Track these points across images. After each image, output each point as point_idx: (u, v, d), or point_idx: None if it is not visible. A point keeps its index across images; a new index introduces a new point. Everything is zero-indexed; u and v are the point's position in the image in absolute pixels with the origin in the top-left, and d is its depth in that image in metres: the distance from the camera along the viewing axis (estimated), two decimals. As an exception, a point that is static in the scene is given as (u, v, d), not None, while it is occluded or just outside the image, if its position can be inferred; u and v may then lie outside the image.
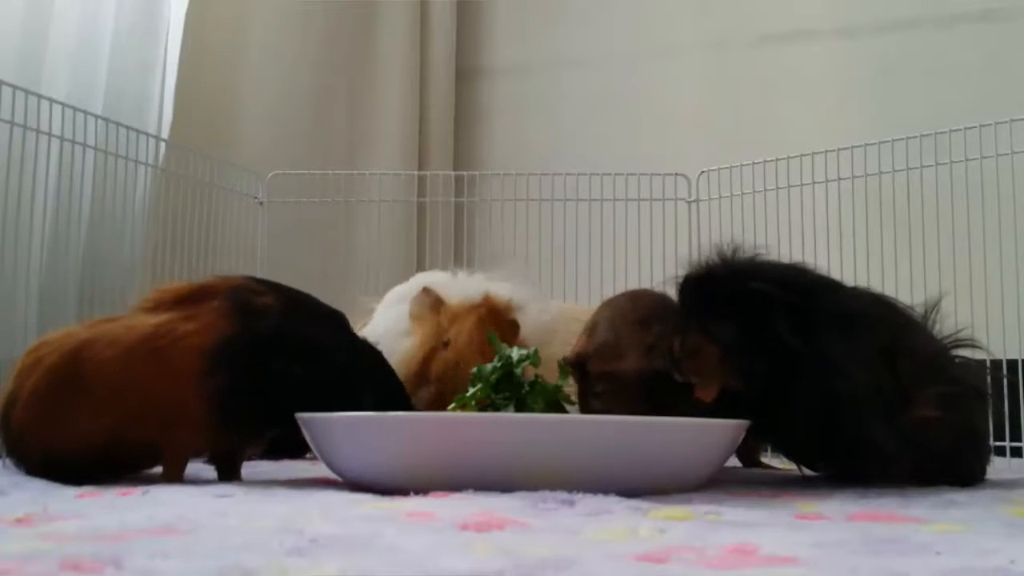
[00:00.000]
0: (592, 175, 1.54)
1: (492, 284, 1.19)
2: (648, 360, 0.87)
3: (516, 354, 0.89)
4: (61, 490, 0.75)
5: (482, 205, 1.63)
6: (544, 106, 2.10)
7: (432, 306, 1.16)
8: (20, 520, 0.55)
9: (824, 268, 0.96)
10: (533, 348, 0.90)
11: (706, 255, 0.90)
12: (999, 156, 1.24)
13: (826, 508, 0.66)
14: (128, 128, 1.36)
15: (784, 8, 1.91)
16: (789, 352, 0.82)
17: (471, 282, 1.22)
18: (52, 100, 1.23)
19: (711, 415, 0.83)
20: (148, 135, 1.43)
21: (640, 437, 0.73)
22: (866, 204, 1.38)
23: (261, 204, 1.59)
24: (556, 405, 0.88)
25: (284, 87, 1.84)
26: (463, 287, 1.20)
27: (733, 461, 1.14)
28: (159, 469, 0.85)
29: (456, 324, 1.11)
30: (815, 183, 1.40)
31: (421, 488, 0.69)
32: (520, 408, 0.86)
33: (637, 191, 1.52)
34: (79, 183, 1.30)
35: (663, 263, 1.46)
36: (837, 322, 0.85)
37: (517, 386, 0.87)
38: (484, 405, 0.87)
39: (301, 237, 1.71)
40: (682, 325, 0.85)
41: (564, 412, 0.88)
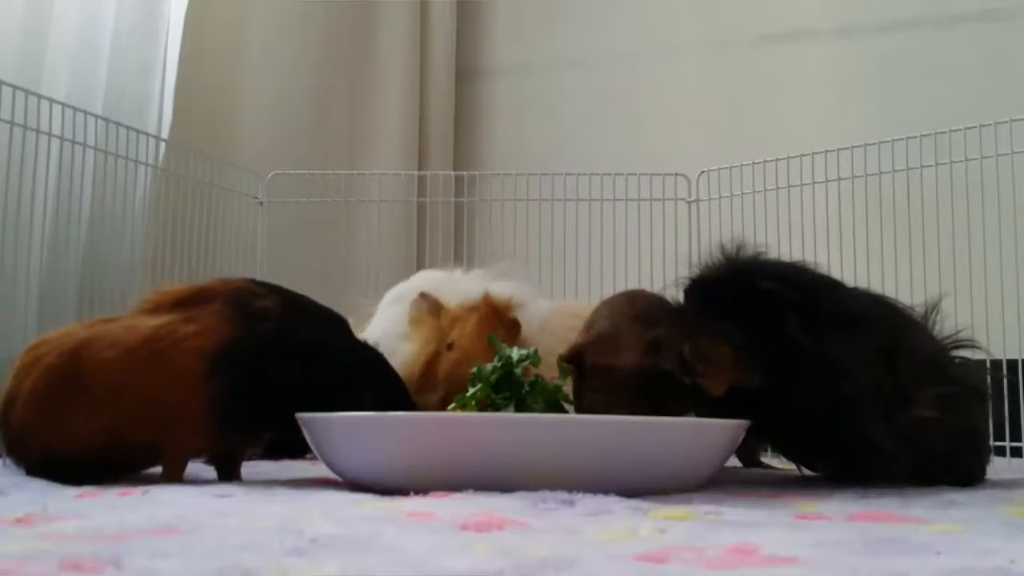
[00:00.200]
0: (592, 175, 1.54)
1: (492, 282, 1.19)
2: (650, 359, 0.87)
3: (516, 354, 0.89)
4: (61, 490, 0.75)
5: (482, 205, 1.63)
6: (544, 106, 2.10)
7: (431, 310, 1.15)
8: (20, 520, 0.55)
9: (824, 268, 0.97)
10: (533, 348, 0.90)
11: (711, 254, 0.90)
12: (999, 156, 1.24)
13: (826, 508, 0.66)
14: (128, 128, 1.36)
15: (784, 8, 1.91)
16: (797, 351, 0.82)
17: (470, 281, 1.22)
18: (52, 100, 1.23)
19: (712, 415, 0.83)
20: (148, 135, 1.43)
21: (640, 437, 0.73)
22: (866, 204, 1.38)
23: (261, 204, 1.59)
24: (556, 405, 0.88)
25: (284, 87, 1.84)
26: (462, 287, 1.19)
27: (733, 461, 1.14)
28: (159, 469, 0.85)
29: (458, 326, 1.11)
30: (815, 183, 1.40)
31: (421, 488, 0.69)
32: (520, 408, 0.86)
33: (637, 191, 1.52)
34: (79, 183, 1.30)
35: (663, 263, 1.46)
36: (839, 321, 0.85)
37: (517, 386, 0.87)
38: (484, 405, 0.87)
39: (301, 237, 1.71)
40: (692, 327, 0.85)
41: (564, 412, 0.88)
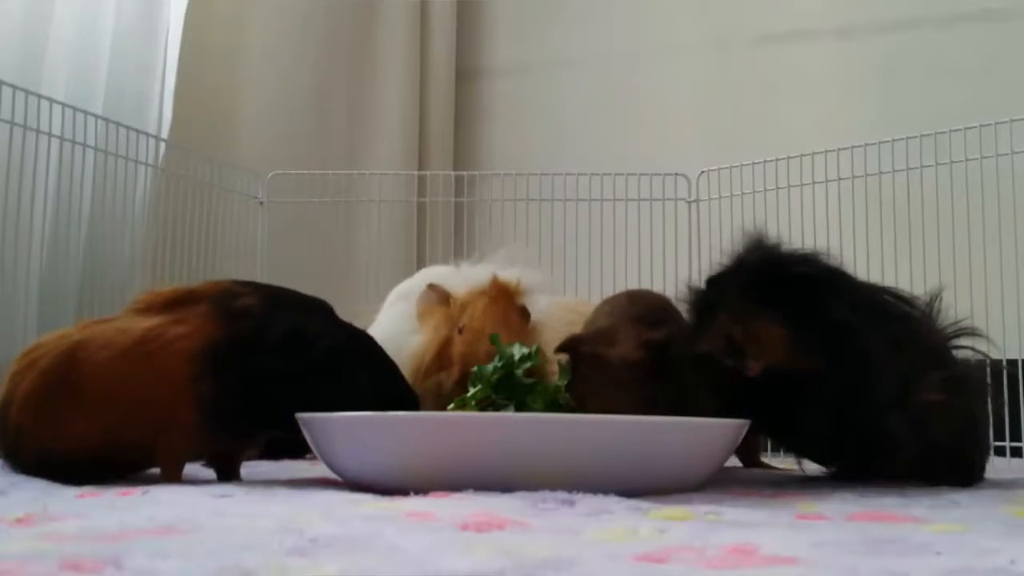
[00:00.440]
0: (592, 175, 1.54)
1: (499, 270, 1.18)
2: (646, 351, 0.87)
3: (517, 353, 0.89)
4: (61, 490, 0.75)
5: (482, 205, 1.62)
6: (544, 106, 2.10)
7: (440, 300, 1.15)
8: (20, 520, 0.55)
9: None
10: (534, 347, 0.90)
11: (735, 244, 0.91)
12: (999, 156, 1.24)
13: (826, 508, 0.66)
14: (128, 128, 1.36)
15: (784, 8, 1.91)
16: (840, 335, 0.83)
17: (476, 272, 1.21)
18: (52, 100, 1.23)
19: (721, 407, 0.83)
20: (148, 135, 1.43)
21: (640, 437, 0.73)
22: (866, 204, 1.38)
23: (261, 204, 1.59)
24: (556, 405, 0.88)
25: (284, 87, 1.84)
26: (468, 278, 1.19)
27: (733, 461, 1.14)
28: (159, 470, 0.85)
29: (468, 310, 1.10)
30: (815, 183, 1.40)
31: (421, 488, 0.69)
32: (520, 408, 0.86)
33: (637, 191, 1.52)
34: (79, 183, 1.30)
35: (663, 263, 1.46)
36: (866, 310, 0.86)
37: (517, 386, 0.88)
38: (484, 405, 0.87)
39: (301, 237, 1.71)
40: (741, 309, 0.86)
41: (564, 412, 0.88)
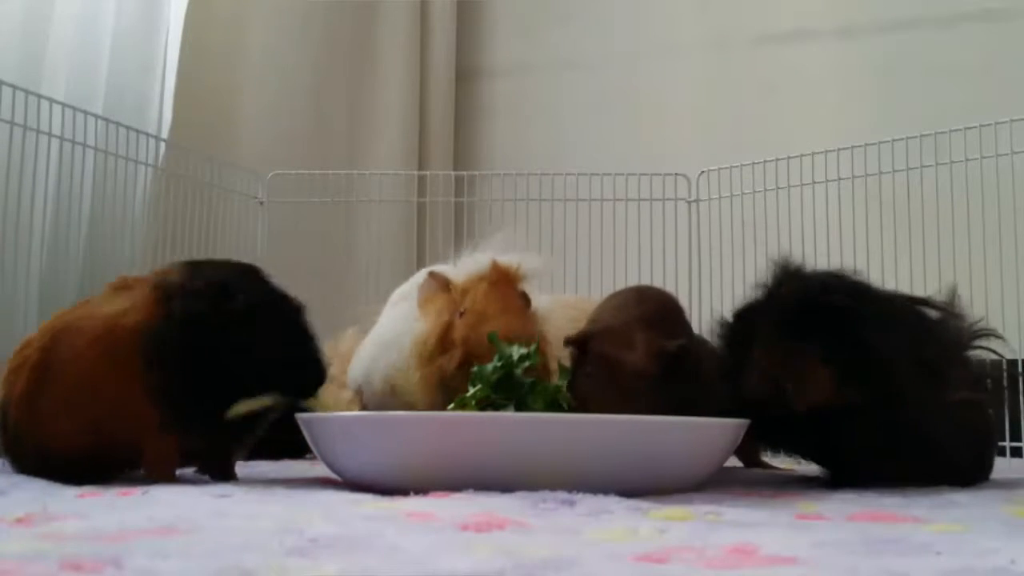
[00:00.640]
0: (592, 175, 1.54)
1: (498, 256, 1.17)
2: (656, 361, 0.86)
3: (516, 353, 0.89)
4: (61, 490, 0.75)
5: (482, 205, 1.62)
6: (544, 106, 2.10)
7: (441, 287, 1.15)
8: (20, 520, 0.55)
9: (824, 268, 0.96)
10: (533, 347, 0.90)
11: (766, 274, 0.90)
12: (999, 156, 1.24)
13: (826, 508, 0.66)
14: (128, 128, 1.36)
15: (784, 8, 1.91)
16: (879, 366, 0.82)
17: (475, 260, 1.21)
18: (52, 100, 1.23)
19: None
20: (148, 135, 1.43)
21: (640, 437, 0.73)
22: (866, 204, 1.38)
23: (261, 204, 1.59)
24: (556, 405, 0.88)
25: (284, 87, 1.84)
26: (469, 268, 1.18)
27: (733, 461, 1.14)
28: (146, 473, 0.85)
29: (469, 295, 1.09)
30: (815, 183, 1.40)
31: (421, 488, 0.69)
32: (520, 408, 0.86)
33: (637, 191, 1.52)
34: (79, 183, 1.30)
35: (663, 263, 1.46)
36: (893, 330, 0.85)
37: (517, 386, 0.87)
38: (484, 405, 0.87)
39: (301, 237, 1.71)
40: (779, 348, 0.84)
41: (564, 412, 0.88)
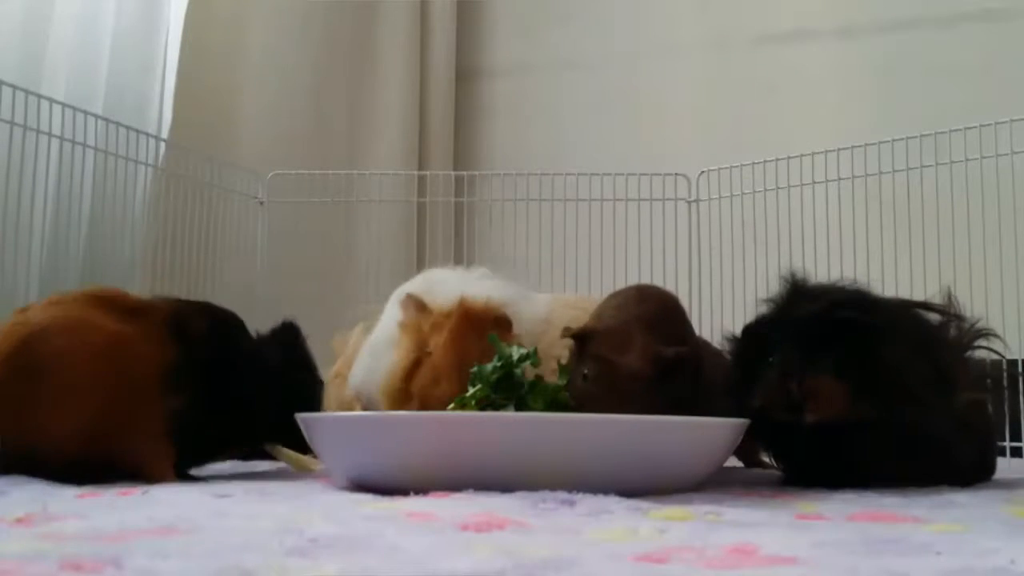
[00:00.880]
0: (592, 175, 1.54)
1: (475, 285, 1.16)
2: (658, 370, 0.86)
3: (516, 353, 0.88)
4: (61, 490, 0.75)
5: (482, 205, 1.62)
6: (544, 106, 2.10)
7: (417, 310, 1.14)
8: (20, 520, 0.55)
9: (824, 268, 0.96)
10: (533, 347, 0.90)
11: (773, 289, 0.89)
12: (999, 156, 1.24)
13: (826, 508, 0.66)
14: (128, 128, 1.36)
15: (784, 8, 1.91)
16: (891, 379, 0.82)
17: (470, 280, 1.20)
18: (52, 100, 1.23)
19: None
20: (148, 135, 1.43)
21: (640, 437, 0.73)
22: (866, 204, 1.38)
23: (261, 204, 1.59)
24: (556, 405, 0.88)
25: (284, 87, 1.84)
26: (463, 285, 1.18)
27: (733, 461, 1.14)
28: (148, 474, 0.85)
29: (435, 334, 1.08)
30: (815, 183, 1.40)
31: (421, 488, 0.69)
32: (520, 408, 0.86)
33: (637, 191, 1.52)
34: (79, 183, 1.30)
35: (663, 263, 1.46)
36: (901, 341, 0.85)
37: (517, 386, 0.87)
38: (484, 405, 0.87)
39: (301, 237, 1.71)
40: (792, 363, 0.84)
41: (564, 412, 0.88)
